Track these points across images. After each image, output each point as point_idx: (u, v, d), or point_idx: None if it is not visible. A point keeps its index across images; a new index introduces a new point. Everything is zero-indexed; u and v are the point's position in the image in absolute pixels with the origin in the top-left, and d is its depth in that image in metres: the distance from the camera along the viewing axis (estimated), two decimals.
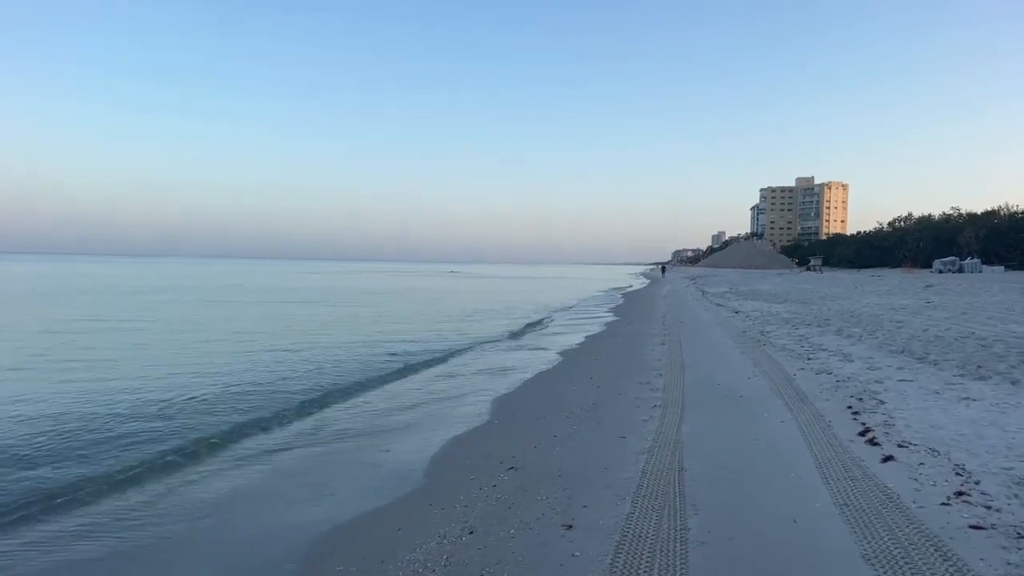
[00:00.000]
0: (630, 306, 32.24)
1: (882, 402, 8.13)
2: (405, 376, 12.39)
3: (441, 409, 9.56)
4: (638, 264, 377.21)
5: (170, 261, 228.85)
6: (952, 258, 72.82)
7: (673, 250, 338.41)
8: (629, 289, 54.90)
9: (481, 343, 17.55)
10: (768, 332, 16.16)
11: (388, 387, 11.35)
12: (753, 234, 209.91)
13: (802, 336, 14.85)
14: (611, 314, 27.10)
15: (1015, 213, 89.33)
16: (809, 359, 11.72)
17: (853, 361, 11.10)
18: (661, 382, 10.40)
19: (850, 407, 7.99)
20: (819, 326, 16.39)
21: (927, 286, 26.89)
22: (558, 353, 15.09)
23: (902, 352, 11.45)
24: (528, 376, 11.98)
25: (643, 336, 17.38)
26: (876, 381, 9.39)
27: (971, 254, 78.30)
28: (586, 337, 18.36)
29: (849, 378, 9.75)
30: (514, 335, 19.97)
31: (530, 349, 16.38)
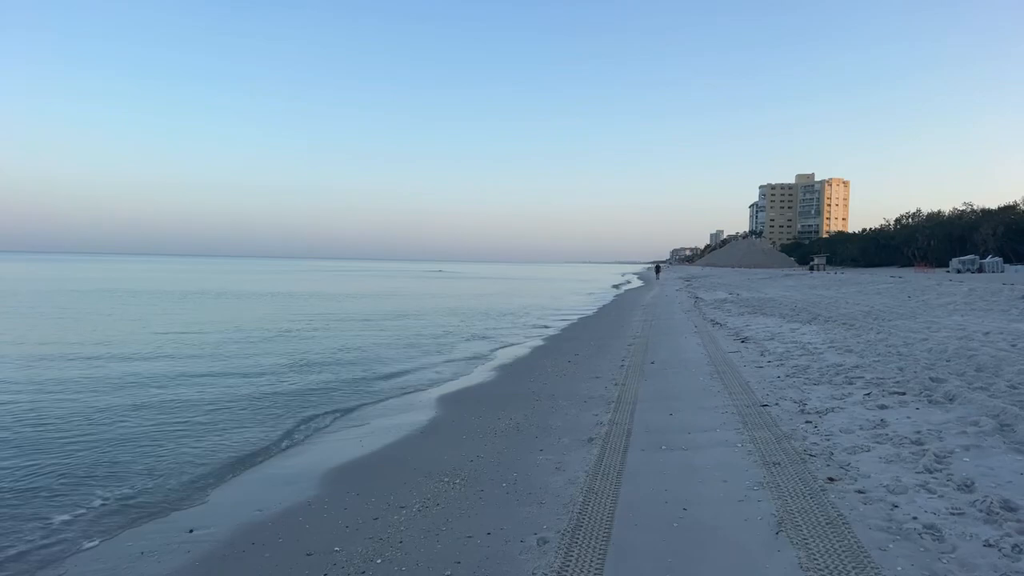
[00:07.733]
0: (592, 323, 23.38)
1: None
2: None
3: None
4: (637, 263, 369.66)
5: (141, 261, 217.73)
6: (971, 256, 66.05)
7: (672, 248, 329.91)
8: (611, 293, 46.21)
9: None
10: (822, 416, 7.16)
11: None
12: (752, 232, 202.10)
13: (919, 442, 5.90)
14: (547, 340, 18.15)
15: None
16: None
17: None
18: None
19: None
20: (937, 402, 7.35)
21: (1021, 297, 18.10)
22: (326, 475, 6.17)
23: None
24: None
25: (561, 409, 8.50)
26: None
27: (989, 252, 71.55)
28: (448, 403, 9.43)
29: None
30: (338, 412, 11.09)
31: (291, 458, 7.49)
